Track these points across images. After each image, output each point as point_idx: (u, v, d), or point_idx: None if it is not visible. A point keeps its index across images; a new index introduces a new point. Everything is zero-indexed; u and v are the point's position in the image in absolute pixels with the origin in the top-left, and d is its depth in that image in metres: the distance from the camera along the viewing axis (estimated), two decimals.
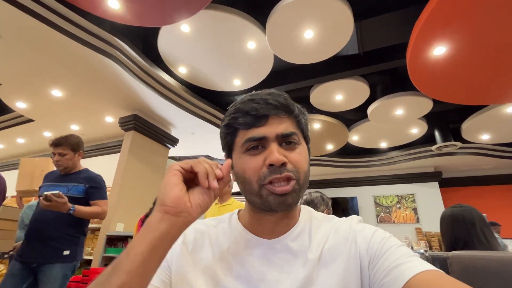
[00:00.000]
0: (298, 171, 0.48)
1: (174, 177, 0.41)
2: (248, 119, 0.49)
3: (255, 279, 0.47)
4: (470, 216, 1.31)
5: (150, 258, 0.36)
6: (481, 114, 4.26)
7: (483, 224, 1.29)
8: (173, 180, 0.41)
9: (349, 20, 2.69)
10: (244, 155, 0.50)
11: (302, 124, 0.53)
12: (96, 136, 4.85)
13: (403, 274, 0.39)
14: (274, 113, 0.49)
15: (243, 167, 0.49)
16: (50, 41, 2.71)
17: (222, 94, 4.33)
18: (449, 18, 2.28)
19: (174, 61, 3.56)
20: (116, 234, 3.45)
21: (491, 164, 6.15)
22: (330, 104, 4.27)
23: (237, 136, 0.51)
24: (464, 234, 1.29)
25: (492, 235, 1.27)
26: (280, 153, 0.47)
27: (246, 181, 0.48)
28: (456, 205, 1.42)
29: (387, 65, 3.44)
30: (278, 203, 0.46)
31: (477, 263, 0.71)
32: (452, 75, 2.98)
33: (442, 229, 1.41)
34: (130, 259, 0.36)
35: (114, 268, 0.36)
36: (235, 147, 0.52)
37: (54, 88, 3.54)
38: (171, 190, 0.40)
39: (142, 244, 0.37)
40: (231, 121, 0.51)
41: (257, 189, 0.47)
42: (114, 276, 0.35)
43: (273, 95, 0.51)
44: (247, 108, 0.49)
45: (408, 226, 6.31)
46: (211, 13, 2.75)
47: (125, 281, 0.34)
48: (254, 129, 0.49)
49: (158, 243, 0.37)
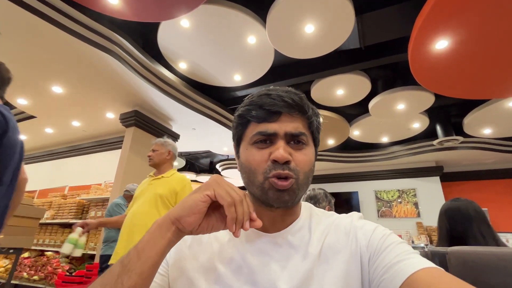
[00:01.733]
0: (299, 171, 0.48)
1: (202, 204, 0.42)
2: (261, 113, 0.50)
3: (256, 272, 0.47)
4: (466, 211, 1.26)
5: (159, 261, 0.40)
6: (483, 108, 4.23)
7: (481, 221, 1.23)
8: (198, 207, 0.42)
9: (350, 14, 2.66)
10: (251, 147, 0.51)
11: (313, 126, 0.53)
12: (97, 132, 4.86)
13: (403, 271, 0.39)
14: (287, 111, 0.50)
15: (249, 159, 0.50)
16: (50, 37, 2.70)
17: (222, 90, 4.32)
18: (452, 11, 2.25)
19: (174, 57, 3.54)
20: None
21: (493, 159, 6.14)
22: (331, 99, 4.25)
23: (248, 127, 0.52)
24: (459, 230, 1.25)
25: (491, 234, 1.20)
26: (285, 151, 0.47)
27: (252, 171, 0.49)
28: (455, 199, 1.36)
29: (388, 59, 3.41)
30: (276, 198, 0.47)
31: (476, 258, 0.71)
32: (454, 69, 2.95)
33: (439, 224, 1.36)
34: (142, 261, 0.39)
35: (124, 268, 0.38)
36: (244, 138, 0.53)
37: (55, 85, 3.54)
38: (191, 215, 0.42)
39: (154, 248, 0.40)
40: (244, 112, 0.52)
41: (262, 181, 0.48)
42: (126, 276, 0.37)
43: (290, 93, 0.51)
44: (261, 102, 0.50)
45: (409, 221, 6.33)
46: (211, 8, 2.73)
47: (137, 282, 0.37)
48: (265, 124, 0.49)
49: (166, 249, 0.41)
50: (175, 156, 2.00)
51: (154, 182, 1.85)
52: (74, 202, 4.00)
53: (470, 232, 1.21)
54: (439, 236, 1.35)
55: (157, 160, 1.91)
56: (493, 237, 1.20)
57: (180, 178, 1.86)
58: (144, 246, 0.39)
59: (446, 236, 1.29)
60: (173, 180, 1.83)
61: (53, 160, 5.42)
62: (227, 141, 5.55)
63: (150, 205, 1.71)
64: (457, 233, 1.26)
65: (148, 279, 0.39)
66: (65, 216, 3.94)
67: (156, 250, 0.40)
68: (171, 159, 1.96)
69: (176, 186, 1.79)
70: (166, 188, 1.77)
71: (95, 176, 4.53)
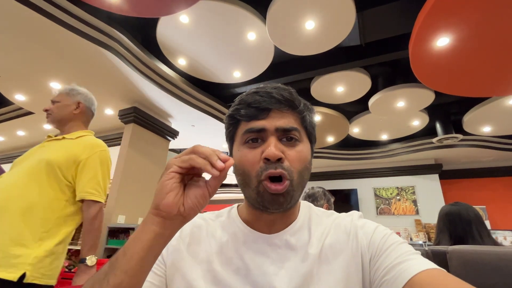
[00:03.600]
0: (293, 170, 0.46)
1: (170, 181, 0.38)
2: (250, 111, 0.49)
3: (254, 273, 0.47)
4: (466, 215, 1.36)
5: (146, 257, 0.37)
6: (483, 106, 4.23)
7: (478, 223, 1.33)
8: (168, 185, 0.38)
9: (351, 10, 2.64)
10: (243, 147, 0.49)
11: (306, 121, 0.52)
12: (96, 128, 4.85)
13: (405, 272, 0.39)
14: (276, 107, 0.48)
15: (241, 159, 0.48)
16: (48, 32, 2.67)
17: (222, 86, 4.30)
18: (453, 8, 2.23)
19: (174, 53, 3.52)
20: (118, 226, 3.49)
21: (492, 157, 6.15)
22: (331, 96, 4.24)
23: (239, 127, 0.51)
24: (459, 232, 1.35)
25: (487, 233, 1.32)
26: (277, 148, 0.46)
27: (245, 174, 0.48)
28: (454, 203, 1.47)
29: (389, 56, 3.40)
30: (271, 200, 0.45)
31: (477, 258, 0.71)
32: (455, 66, 2.94)
33: (439, 226, 1.45)
34: (127, 258, 0.36)
35: (111, 266, 0.36)
36: (236, 138, 0.52)
37: (53, 80, 3.51)
38: (165, 196, 0.38)
39: (138, 244, 0.37)
40: (234, 112, 0.51)
41: (256, 184, 0.46)
42: (112, 274, 0.36)
43: (278, 89, 0.50)
44: (250, 100, 0.49)
45: (407, 218, 6.35)
46: (211, 4, 2.70)
47: (123, 280, 0.35)
48: (255, 122, 0.48)
49: (153, 243, 0.38)
50: (90, 110, 1.41)
51: (48, 144, 1.24)
52: None
53: (470, 233, 1.32)
54: (439, 237, 1.44)
55: (58, 116, 1.30)
56: (489, 237, 1.31)
57: (90, 143, 1.25)
58: (129, 243, 0.38)
59: (449, 237, 1.38)
60: (78, 144, 1.22)
61: None
62: None
63: (29, 176, 1.10)
64: (457, 235, 1.35)
65: (136, 277, 0.36)
66: None
67: (141, 245, 0.37)
68: (82, 116, 1.36)
69: (80, 152, 1.19)
70: (62, 153, 1.16)
71: None
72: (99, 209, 1.19)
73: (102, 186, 1.22)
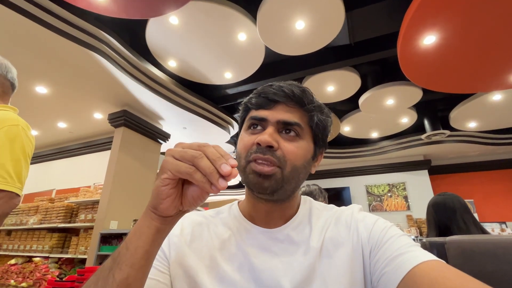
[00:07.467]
0: (286, 161, 0.46)
1: (166, 188, 0.36)
2: (259, 100, 0.51)
3: (257, 268, 0.47)
4: (451, 204, 1.38)
5: (150, 249, 0.37)
6: (468, 102, 4.36)
7: (464, 211, 1.35)
8: (164, 192, 0.36)
9: (340, 10, 2.68)
10: (244, 132, 0.52)
11: (313, 121, 0.51)
12: (85, 133, 4.73)
13: (405, 264, 0.39)
14: (284, 101, 0.50)
15: (239, 142, 0.51)
16: (33, 35, 2.60)
17: (213, 88, 4.28)
18: (439, 7, 2.29)
19: (163, 55, 3.48)
20: (110, 232, 3.41)
21: (478, 151, 6.33)
22: (322, 95, 4.28)
23: (248, 114, 0.54)
24: (445, 221, 1.37)
25: (472, 221, 1.33)
26: (271, 136, 0.46)
27: (239, 155, 0.50)
28: (441, 193, 1.49)
29: (378, 55, 3.46)
30: (255, 183, 0.46)
31: (474, 247, 0.72)
32: (441, 64, 3.02)
33: (428, 218, 1.48)
34: (131, 252, 0.36)
35: (115, 262, 0.36)
36: (243, 125, 0.55)
37: (38, 85, 3.41)
38: (162, 202, 0.36)
39: (141, 237, 0.37)
40: (247, 100, 0.54)
41: (244, 165, 0.48)
42: (117, 269, 0.35)
43: (292, 85, 0.52)
44: (262, 91, 0.52)
45: (399, 214, 6.47)
46: (200, 4, 2.69)
47: (129, 274, 0.35)
48: (261, 111, 0.50)
49: (156, 236, 0.38)
50: (4, 79, 1.20)
51: None
52: (62, 206, 3.88)
53: (454, 221, 1.34)
54: (428, 228, 1.47)
55: None
56: (475, 224, 1.33)
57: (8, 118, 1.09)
58: (131, 237, 0.37)
59: (434, 227, 1.41)
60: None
61: (39, 163, 5.25)
62: (218, 139, 5.52)
63: None
64: (443, 224, 1.38)
65: (141, 270, 0.36)
66: (53, 221, 3.82)
67: (144, 239, 0.36)
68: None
69: None
70: None
71: (84, 178, 4.41)
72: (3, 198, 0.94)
73: (13, 170, 0.98)
